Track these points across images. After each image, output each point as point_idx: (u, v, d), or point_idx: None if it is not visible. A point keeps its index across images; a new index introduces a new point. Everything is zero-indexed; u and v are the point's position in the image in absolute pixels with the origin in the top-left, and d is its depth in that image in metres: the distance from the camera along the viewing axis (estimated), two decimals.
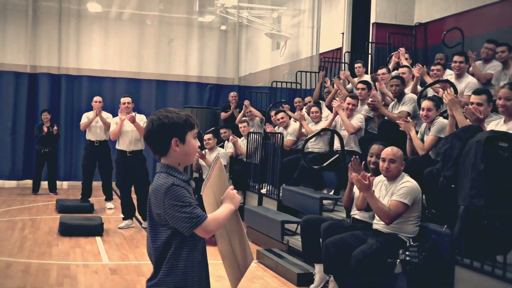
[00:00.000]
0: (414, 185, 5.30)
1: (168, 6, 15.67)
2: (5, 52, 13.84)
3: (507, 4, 10.44)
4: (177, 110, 2.68)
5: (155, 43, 15.40)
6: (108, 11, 15.41)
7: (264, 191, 9.19)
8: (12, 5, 14.02)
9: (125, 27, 15.55)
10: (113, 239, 8.20)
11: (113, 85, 14.58)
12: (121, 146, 8.92)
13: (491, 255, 4.58)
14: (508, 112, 5.22)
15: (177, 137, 2.57)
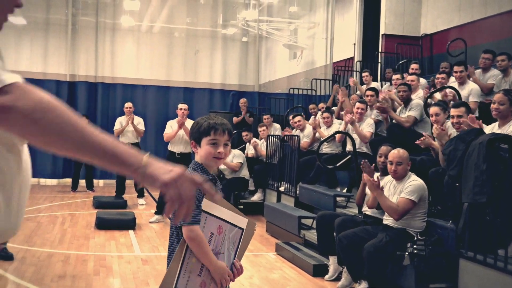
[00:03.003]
0: (421, 184, 5.28)
1: (194, 19, 15.75)
2: (47, 63, 14.00)
3: (506, 16, 10.36)
4: (213, 117, 2.67)
5: (182, 54, 15.47)
6: (140, 25, 15.53)
7: (283, 189, 9.19)
8: (53, 20, 14.17)
9: (155, 39, 15.65)
10: (144, 232, 8.25)
11: (145, 92, 14.69)
12: (172, 148, 9.11)
13: (493, 248, 4.56)
14: (501, 116, 5.20)
15: (194, 140, 2.62)
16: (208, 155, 2.57)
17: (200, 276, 2.42)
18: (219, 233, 2.41)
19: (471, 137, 4.97)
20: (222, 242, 2.42)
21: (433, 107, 6.42)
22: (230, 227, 2.44)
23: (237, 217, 2.46)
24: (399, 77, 9.07)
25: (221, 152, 2.56)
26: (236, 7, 16.00)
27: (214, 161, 2.61)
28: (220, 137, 2.56)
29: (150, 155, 1.54)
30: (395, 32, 12.70)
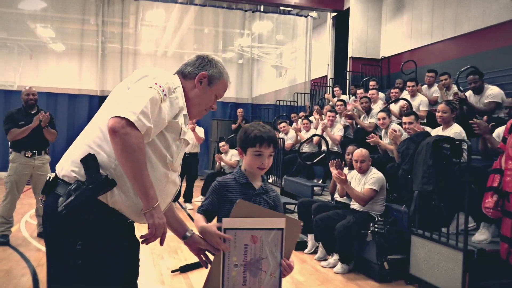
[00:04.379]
0: (381, 176, 5.30)
1: (200, 46, 15.76)
2: (82, 81, 13.93)
3: (447, 42, 10.42)
4: (261, 126, 2.28)
5: None
6: (156, 50, 15.55)
7: (271, 180, 9.19)
8: (86, 47, 14.13)
9: (169, 62, 15.64)
10: None
11: None
12: None
13: (438, 226, 4.58)
14: (444, 122, 5.25)
15: (240, 147, 2.27)
16: (252, 165, 2.22)
17: (246, 284, 2.08)
18: (254, 242, 2.05)
19: (420, 138, 5.00)
20: (262, 249, 2.06)
21: (380, 112, 6.49)
22: (265, 233, 2.05)
23: (271, 221, 2.05)
24: (362, 91, 9.10)
25: (264, 163, 2.21)
26: (233, 36, 16.04)
27: (258, 171, 2.24)
28: (265, 150, 2.19)
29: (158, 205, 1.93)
30: (360, 55, 12.74)
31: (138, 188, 1.85)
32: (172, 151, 2.02)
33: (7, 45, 14.68)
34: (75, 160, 1.91)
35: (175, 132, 2.01)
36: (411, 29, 11.64)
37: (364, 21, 12.79)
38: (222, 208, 2.21)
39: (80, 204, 1.81)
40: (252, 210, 2.05)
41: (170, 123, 1.96)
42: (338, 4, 13.26)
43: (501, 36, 9.02)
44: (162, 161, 1.99)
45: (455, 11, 10.25)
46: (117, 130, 1.77)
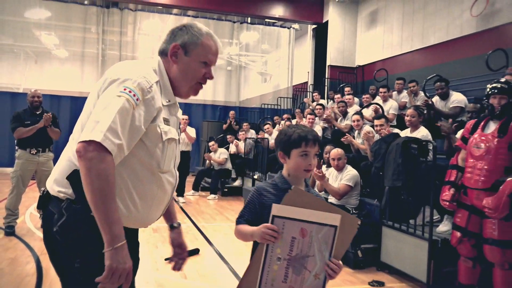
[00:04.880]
0: (355, 173, 5.33)
1: None
2: (83, 84, 13.74)
3: (416, 53, 10.51)
4: (300, 126, 1.96)
5: None
6: (152, 57, 15.37)
7: (256, 176, 9.20)
8: (87, 53, 13.98)
9: None
10: None
11: None
12: None
13: (406, 219, 4.62)
14: (412, 125, 5.29)
15: (282, 151, 1.92)
16: (298, 168, 1.89)
17: (286, 282, 1.75)
18: (302, 236, 1.70)
19: (391, 139, 5.04)
20: (310, 245, 1.71)
21: (355, 115, 6.53)
22: (317, 228, 1.70)
23: (325, 215, 1.70)
24: (339, 96, 9.13)
25: (311, 164, 1.89)
26: (223, 45, 15.95)
27: (304, 173, 1.91)
28: (311, 149, 1.88)
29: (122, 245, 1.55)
30: (337, 64, 12.79)
31: (99, 222, 1.50)
32: (157, 157, 1.70)
33: (14, 50, 14.45)
34: (59, 178, 1.67)
35: (155, 137, 1.67)
36: (383, 41, 11.72)
37: (341, 33, 12.84)
38: (264, 217, 1.82)
39: (74, 223, 1.59)
40: (306, 200, 1.71)
41: (148, 128, 1.64)
42: (318, 17, 13.30)
43: (463, 48, 9.13)
44: (149, 171, 1.70)
45: (422, 25, 10.35)
46: (81, 156, 1.50)
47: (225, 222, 7.26)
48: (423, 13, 10.30)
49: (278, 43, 15.71)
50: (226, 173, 10.06)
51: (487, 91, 3.69)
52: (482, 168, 3.57)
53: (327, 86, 12.53)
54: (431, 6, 10.07)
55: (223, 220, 7.43)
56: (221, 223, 7.21)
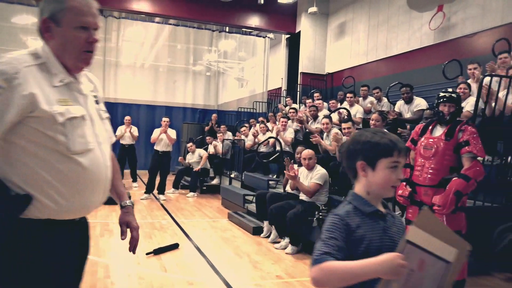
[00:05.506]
0: (324, 172, 5.37)
1: (173, 59, 15.57)
2: None
3: (380, 62, 10.69)
4: (386, 132, 1.48)
5: (165, 83, 15.27)
6: (135, 62, 15.24)
7: (233, 175, 9.18)
8: None
9: (146, 73, 15.36)
10: (136, 206, 8.06)
11: (138, 109, 14.46)
12: (157, 147, 8.81)
13: None
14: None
15: (365, 160, 1.43)
16: (386, 183, 1.42)
17: None
18: (420, 269, 1.27)
19: None
20: (422, 281, 1.29)
21: (324, 119, 6.60)
22: (433, 260, 1.28)
23: (445, 247, 1.28)
24: (310, 101, 9.19)
25: (400, 177, 1.44)
26: (202, 52, 15.95)
27: (390, 191, 1.44)
28: (402, 160, 1.44)
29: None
30: (309, 71, 12.89)
31: None
32: (61, 140, 1.47)
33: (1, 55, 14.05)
34: None
35: (47, 121, 1.44)
36: (350, 50, 11.88)
37: (312, 43, 12.96)
38: (356, 252, 1.37)
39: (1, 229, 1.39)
40: (434, 226, 1.29)
41: (34, 113, 1.42)
42: (291, 28, 13.39)
43: (423, 58, 9.34)
44: (60, 155, 1.47)
45: (386, 36, 10.53)
46: None
47: (203, 218, 7.22)
48: (387, 26, 10.48)
49: (254, 51, 15.73)
50: (205, 172, 10.02)
51: (437, 99, 3.80)
52: (430, 167, 3.68)
53: (299, 91, 12.61)
54: (394, 19, 10.26)
55: (201, 216, 7.38)
56: (200, 219, 7.17)
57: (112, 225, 6.32)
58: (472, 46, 8.19)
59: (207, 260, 4.78)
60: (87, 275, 4.03)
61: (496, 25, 7.72)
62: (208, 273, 4.38)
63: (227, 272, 4.40)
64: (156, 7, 12.15)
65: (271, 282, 4.16)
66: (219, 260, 4.82)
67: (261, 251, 5.26)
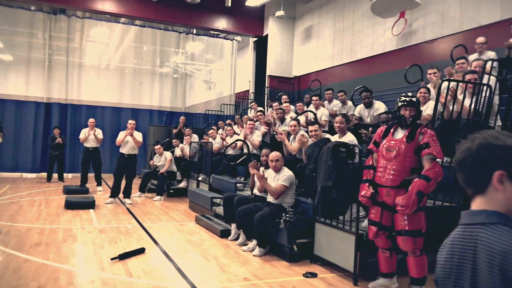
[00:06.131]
0: (291, 174, 5.43)
1: (140, 61, 15.33)
2: (29, 88, 13.01)
3: (345, 66, 10.92)
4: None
5: (131, 85, 14.99)
6: (100, 63, 14.88)
7: (201, 178, 9.12)
8: (34, 58, 13.20)
9: (111, 74, 15.03)
10: (101, 210, 7.86)
11: (103, 111, 14.13)
12: (122, 150, 8.61)
13: (336, 215, 4.76)
14: (340, 131, 5.46)
15: (505, 169, 1.12)
16: None
17: None
18: None
19: (322, 143, 5.18)
20: None
21: (292, 121, 6.68)
22: None
23: None
24: (277, 104, 9.25)
25: None
26: (169, 54, 15.79)
27: None
28: None
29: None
30: (276, 74, 13.01)
31: None
32: None
33: None
34: None
35: None
36: (317, 54, 12.07)
37: (280, 46, 13.08)
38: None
39: None
40: None
41: None
42: (259, 31, 13.47)
43: (386, 63, 9.62)
44: None
45: (351, 41, 10.77)
46: None
47: (170, 222, 7.14)
48: (352, 31, 10.72)
49: (222, 53, 15.72)
50: (172, 175, 9.91)
51: (398, 103, 3.93)
52: (392, 169, 3.81)
53: (266, 94, 12.69)
54: (358, 25, 10.51)
55: (168, 220, 7.30)
56: (167, 222, 7.08)
57: (75, 231, 6.15)
58: (432, 52, 8.50)
59: (174, 264, 4.73)
60: (48, 282, 3.92)
61: (455, 31, 8.05)
62: (174, 277, 4.33)
63: (194, 275, 4.37)
64: (122, 7, 11.94)
65: (238, 284, 4.16)
66: (186, 263, 4.78)
67: (228, 254, 5.26)
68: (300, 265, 4.87)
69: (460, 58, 6.28)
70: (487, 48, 6.67)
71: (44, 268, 4.37)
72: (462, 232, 1.15)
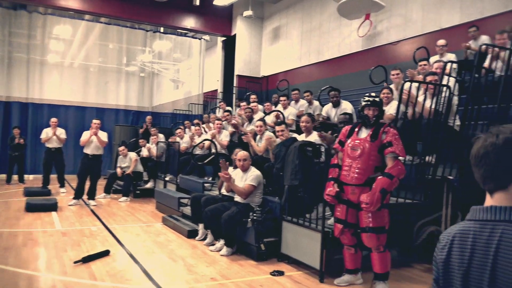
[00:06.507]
0: (259, 173, 5.44)
1: (105, 59, 15.01)
2: None
3: (313, 66, 11.06)
4: None
5: (96, 83, 14.66)
6: (63, 61, 14.47)
7: (168, 178, 9.02)
8: None
9: (75, 72, 14.64)
10: (64, 213, 7.63)
11: (67, 110, 13.74)
12: (86, 151, 8.35)
13: (303, 213, 4.81)
14: (306, 130, 5.53)
15: None
16: None
17: None
18: None
19: (289, 143, 5.23)
20: None
21: (258, 121, 6.72)
22: None
23: None
24: (245, 104, 9.26)
25: None
26: (136, 52, 15.56)
27: None
28: None
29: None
30: (245, 74, 13.02)
31: None
32: None
33: None
34: None
35: None
36: (285, 54, 12.16)
37: (248, 46, 13.10)
38: None
39: None
40: None
41: None
42: (227, 31, 13.44)
43: (352, 64, 9.80)
44: None
45: (318, 42, 10.92)
46: None
47: (137, 223, 7.02)
48: (319, 32, 10.87)
49: (190, 53, 15.60)
50: (138, 176, 9.74)
51: (362, 104, 4.02)
52: (357, 167, 3.89)
53: (235, 94, 12.68)
54: (325, 26, 10.67)
55: (135, 221, 7.17)
56: (133, 224, 6.96)
57: (36, 234, 5.95)
58: (396, 53, 8.74)
59: (140, 266, 4.66)
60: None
61: (417, 34, 8.30)
62: (140, 279, 4.27)
63: (161, 277, 4.31)
64: (86, 4, 11.63)
65: (205, 284, 4.14)
66: (153, 265, 4.71)
67: (196, 254, 5.22)
68: (268, 264, 4.89)
69: (422, 60, 6.48)
70: (447, 50, 6.92)
71: (1, 274, 4.21)
72: (481, 228, 1.10)
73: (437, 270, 1.20)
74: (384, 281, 3.95)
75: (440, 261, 1.18)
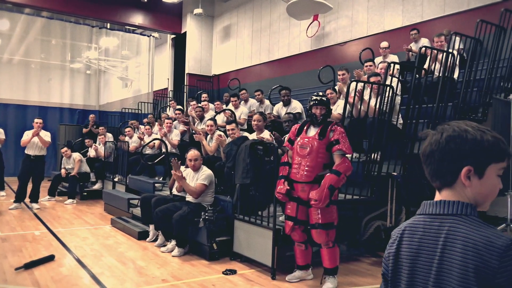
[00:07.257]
0: (210, 172, 5.42)
1: (48, 55, 14.32)
2: None
3: (263, 66, 11.17)
4: (484, 128, 1.13)
5: (38, 81, 13.95)
6: (1, 57, 13.64)
7: (117, 179, 8.76)
8: None
9: (15, 69, 13.85)
10: (4, 217, 7.21)
11: (5, 109, 12.97)
12: (28, 152, 7.91)
13: (255, 212, 4.85)
14: (258, 128, 5.58)
15: (472, 165, 1.09)
16: (494, 193, 1.13)
17: None
18: None
19: (240, 141, 5.25)
20: None
21: (208, 121, 6.70)
22: None
23: None
24: (195, 103, 9.17)
25: (501, 187, 1.15)
26: (81, 49, 14.98)
27: (492, 199, 1.15)
28: (506, 164, 1.14)
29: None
30: (195, 72, 12.91)
31: None
32: None
33: None
34: None
35: None
36: (236, 53, 12.18)
37: (199, 44, 12.99)
38: None
39: None
40: None
41: None
42: (177, 28, 13.24)
43: (301, 63, 10.00)
44: None
45: (268, 41, 11.03)
46: None
47: (84, 226, 6.77)
48: (269, 31, 10.98)
49: (139, 50, 15.23)
50: (85, 177, 9.38)
51: (310, 102, 4.12)
52: (306, 165, 3.99)
53: (186, 92, 12.54)
54: (275, 26, 10.80)
55: (81, 224, 6.91)
56: (79, 227, 6.70)
57: None
58: (343, 54, 9.01)
59: (87, 271, 4.50)
60: None
61: (363, 35, 8.61)
62: (88, 284, 4.12)
63: (110, 281, 4.19)
64: None
65: (156, 286, 4.07)
66: (101, 269, 4.56)
67: (146, 256, 5.12)
68: (220, 263, 4.89)
69: (367, 60, 6.72)
70: (390, 52, 7.23)
71: None
72: (430, 222, 1.12)
73: (386, 264, 1.22)
74: (333, 276, 4.07)
75: (390, 255, 1.19)
